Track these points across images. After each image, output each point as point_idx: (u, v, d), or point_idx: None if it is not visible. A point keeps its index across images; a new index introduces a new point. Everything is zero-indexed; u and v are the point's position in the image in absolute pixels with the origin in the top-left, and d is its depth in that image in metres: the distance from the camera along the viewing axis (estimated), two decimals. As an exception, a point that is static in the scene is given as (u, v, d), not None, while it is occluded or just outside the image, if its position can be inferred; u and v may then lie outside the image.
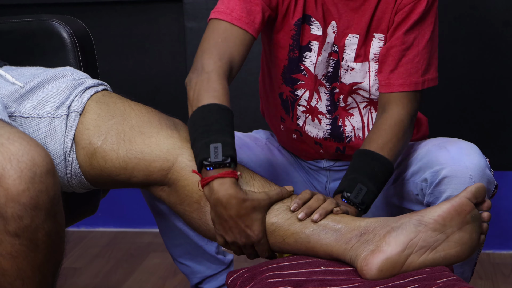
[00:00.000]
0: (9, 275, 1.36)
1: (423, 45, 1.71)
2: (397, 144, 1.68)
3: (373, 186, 1.61)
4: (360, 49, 1.74)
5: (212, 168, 1.50)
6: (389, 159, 1.65)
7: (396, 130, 1.68)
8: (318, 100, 1.80)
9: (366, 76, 1.76)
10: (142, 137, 1.59)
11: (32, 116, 1.60)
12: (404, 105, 1.71)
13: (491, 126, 2.60)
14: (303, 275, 1.47)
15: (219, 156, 1.50)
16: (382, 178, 1.63)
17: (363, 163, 1.64)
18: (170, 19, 2.75)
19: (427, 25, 1.72)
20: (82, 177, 1.62)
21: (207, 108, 1.57)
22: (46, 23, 1.90)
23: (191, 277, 1.89)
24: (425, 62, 1.72)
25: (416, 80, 1.72)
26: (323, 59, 1.76)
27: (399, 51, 1.71)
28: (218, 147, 1.51)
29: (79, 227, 2.92)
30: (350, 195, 1.60)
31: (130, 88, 2.76)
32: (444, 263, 1.48)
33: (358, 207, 1.59)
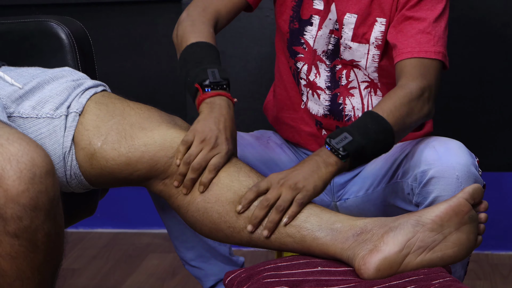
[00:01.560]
0: (8, 276, 1.36)
1: (433, 18, 1.71)
2: (400, 108, 1.62)
3: (360, 138, 1.56)
4: (358, 29, 1.76)
5: (210, 90, 1.59)
6: (387, 120, 1.60)
7: (401, 97, 1.64)
8: (316, 75, 1.82)
9: (364, 57, 1.78)
10: (144, 131, 1.60)
11: (31, 117, 1.60)
12: (414, 76, 1.68)
13: (490, 127, 2.60)
14: (300, 275, 1.47)
15: (217, 77, 1.60)
16: (373, 135, 1.58)
17: (359, 119, 1.61)
18: (169, 20, 2.75)
19: (436, 2, 1.72)
20: (81, 178, 1.62)
21: (196, 44, 1.67)
22: (44, 24, 1.90)
23: (205, 280, 1.88)
24: (437, 35, 1.71)
25: (427, 48, 1.70)
26: (323, 34, 1.78)
27: (408, 24, 1.71)
28: (215, 71, 1.61)
29: (77, 228, 2.92)
30: (333, 140, 1.56)
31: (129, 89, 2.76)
32: (441, 263, 1.49)
33: (339, 154, 1.55)
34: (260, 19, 2.60)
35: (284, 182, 1.52)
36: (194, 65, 1.64)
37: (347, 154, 1.55)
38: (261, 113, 2.25)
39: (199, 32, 1.70)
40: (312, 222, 1.53)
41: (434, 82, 1.69)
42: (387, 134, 1.60)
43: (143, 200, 2.74)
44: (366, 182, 1.83)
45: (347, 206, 1.86)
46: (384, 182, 1.79)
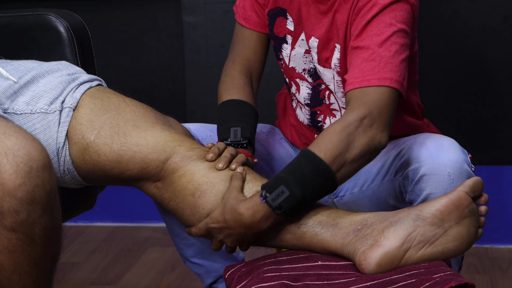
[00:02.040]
0: (6, 269, 1.36)
1: (378, 44, 1.61)
2: (338, 145, 1.52)
3: (297, 190, 1.49)
4: (321, 54, 1.75)
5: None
6: (324, 160, 1.51)
7: (338, 132, 1.54)
8: (296, 91, 1.83)
9: (332, 82, 1.77)
10: (137, 130, 1.59)
11: (25, 113, 1.60)
12: (355, 106, 1.57)
13: (490, 121, 2.60)
14: (300, 270, 1.47)
15: (238, 136, 1.68)
16: (311, 181, 1.50)
17: (296, 163, 1.53)
18: (168, 14, 2.74)
19: (383, 26, 1.62)
20: (75, 173, 1.62)
21: (225, 104, 1.76)
22: (43, 17, 1.89)
23: (205, 277, 1.87)
24: (383, 61, 1.60)
25: (370, 76, 1.59)
26: (297, 54, 1.79)
27: (354, 55, 1.64)
28: (238, 130, 1.69)
29: (76, 222, 2.92)
30: (269, 195, 1.49)
31: (128, 83, 2.76)
32: (442, 257, 1.48)
33: (274, 211, 1.50)
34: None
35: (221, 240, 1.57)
36: (222, 124, 1.71)
37: (283, 211, 1.50)
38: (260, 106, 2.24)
39: (230, 90, 1.78)
40: (312, 218, 1.53)
41: (376, 109, 1.56)
42: (326, 176, 1.52)
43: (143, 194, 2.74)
44: (361, 179, 1.82)
45: (344, 203, 1.86)
46: (378, 180, 1.78)
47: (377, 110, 1.56)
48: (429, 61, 2.57)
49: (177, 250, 1.87)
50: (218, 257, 1.86)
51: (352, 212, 1.54)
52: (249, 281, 1.46)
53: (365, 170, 1.80)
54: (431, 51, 2.56)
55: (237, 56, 1.83)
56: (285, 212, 1.50)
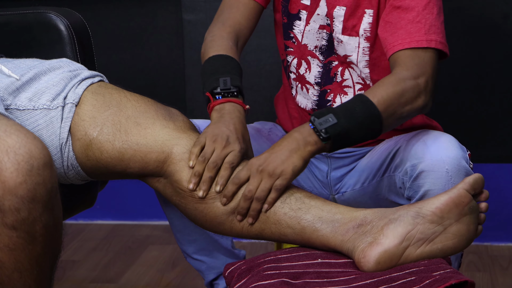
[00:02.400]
0: (6, 267, 1.36)
1: (422, 6, 1.67)
2: (393, 96, 1.58)
3: (344, 121, 1.54)
4: (347, 22, 1.75)
5: (220, 97, 1.61)
6: (377, 105, 1.57)
7: (394, 84, 1.60)
8: (307, 69, 1.82)
9: (355, 51, 1.76)
10: (138, 128, 1.59)
11: (28, 109, 1.60)
12: (408, 66, 1.63)
13: (490, 118, 2.60)
14: (300, 267, 1.47)
15: (228, 85, 1.63)
16: (360, 119, 1.55)
17: (349, 102, 1.58)
18: (168, 12, 2.74)
19: None
20: (79, 169, 1.62)
21: (213, 58, 1.70)
22: (43, 15, 1.89)
23: (207, 273, 1.88)
24: (428, 23, 1.66)
25: (418, 38, 1.65)
26: (312, 29, 1.78)
27: (395, 15, 1.68)
28: (227, 79, 1.64)
29: (77, 220, 2.92)
30: (317, 120, 1.54)
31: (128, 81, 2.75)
32: (441, 255, 1.48)
33: (320, 135, 1.54)
34: (259, 10, 2.59)
35: (263, 169, 1.52)
36: (209, 76, 1.67)
37: (328, 136, 1.54)
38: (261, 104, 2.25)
39: (217, 46, 1.73)
40: (313, 214, 1.53)
41: (430, 73, 1.64)
42: (374, 120, 1.57)
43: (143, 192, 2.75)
44: (362, 175, 1.83)
45: (345, 199, 1.86)
46: (378, 176, 1.79)
47: (429, 72, 1.64)
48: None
49: (179, 246, 1.87)
50: (219, 254, 1.86)
51: (352, 208, 1.54)
52: (249, 279, 1.46)
53: (367, 166, 1.81)
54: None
55: (228, 19, 1.79)
56: (330, 139, 1.53)
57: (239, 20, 1.80)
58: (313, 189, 1.87)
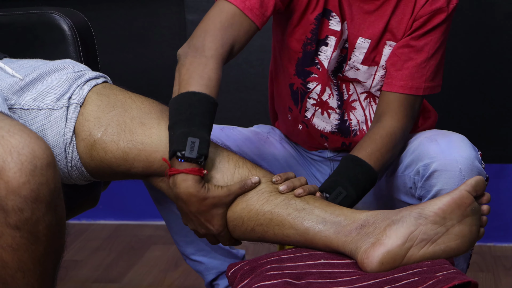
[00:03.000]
0: (10, 267, 1.36)
1: (432, 53, 1.71)
2: (385, 154, 1.68)
3: (353, 192, 1.62)
4: (370, 54, 1.74)
5: (183, 161, 1.49)
6: (374, 168, 1.66)
7: (386, 141, 1.69)
8: (330, 95, 1.79)
9: (370, 78, 1.76)
10: (143, 128, 1.59)
11: (32, 108, 1.60)
12: (400, 117, 1.72)
13: (493, 119, 2.60)
14: (303, 268, 1.47)
15: (194, 153, 1.48)
16: (363, 185, 1.64)
17: (348, 168, 1.65)
18: (171, 12, 2.74)
19: (441, 34, 1.72)
20: (82, 169, 1.62)
21: (197, 96, 1.52)
22: (46, 16, 1.90)
23: (206, 273, 1.88)
24: (432, 70, 1.73)
25: (418, 85, 1.72)
26: (336, 55, 1.76)
27: (406, 53, 1.71)
28: (196, 142, 1.49)
29: (80, 220, 2.92)
30: (329, 196, 1.60)
31: (131, 81, 2.76)
32: (444, 256, 1.48)
33: None
34: (262, 10, 2.59)
35: None
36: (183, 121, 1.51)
37: None
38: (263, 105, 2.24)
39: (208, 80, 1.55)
40: (316, 215, 1.53)
41: (414, 116, 1.75)
42: (373, 180, 1.66)
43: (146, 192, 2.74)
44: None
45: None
46: (387, 176, 1.79)
47: (414, 119, 1.76)
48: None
49: (178, 248, 1.87)
50: (218, 254, 1.86)
51: (355, 210, 1.54)
52: (251, 279, 1.46)
53: None
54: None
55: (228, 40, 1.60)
56: None
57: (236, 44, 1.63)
58: (317, 191, 1.87)
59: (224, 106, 2.68)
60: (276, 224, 1.54)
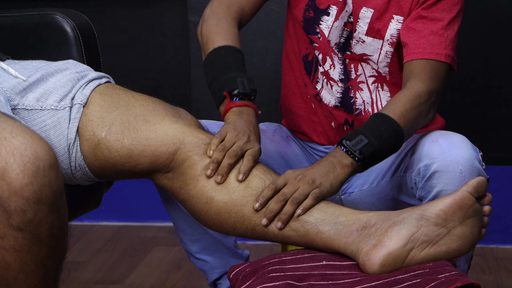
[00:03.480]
0: (12, 269, 1.36)
1: (447, 21, 1.71)
2: (410, 112, 1.65)
3: (375, 141, 1.58)
4: (373, 24, 1.75)
5: (238, 99, 1.61)
6: (399, 122, 1.62)
7: (411, 100, 1.66)
8: (331, 66, 1.82)
9: (377, 52, 1.77)
10: (147, 124, 1.60)
11: (35, 109, 1.60)
12: (424, 79, 1.69)
13: (495, 120, 2.60)
14: (305, 270, 1.47)
15: (247, 88, 1.62)
16: (387, 137, 1.60)
17: (372, 122, 1.62)
18: (174, 14, 2.74)
19: (453, 4, 1.72)
20: (86, 169, 1.63)
21: (224, 49, 1.67)
22: (49, 17, 1.90)
23: (210, 273, 1.88)
24: (449, 38, 1.71)
25: (438, 50, 1.70)
26: (338, 25, 1.78)
27: (421, 24, 1.71)
28: (245, 81, 1.63)
29: (82, 221, 2.92)
30: (350, 142, 1.57)
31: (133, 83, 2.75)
32: (446, 257, 1.48)
33: (355, 157, 1.57)
34: (265, 12, 2.59)
35: (302, 178, 1.53)
36: (222, 71, 1.65)
37: (363, 157, 1.57)
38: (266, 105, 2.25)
39: (226, 34, 1.71)
40: (316, 216, 1.53)
41: (441, 87, 1.71)
42: (399, 137, 1.62)
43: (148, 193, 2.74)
44: (370, 176, 1.83)
45: (351, 200, 1.86)
46: (388, 176, 1.79)
47: (442, 87, 1.71)
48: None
49: (182, 246, 1.87)
50: (223, 254, 1.86)
51: (356, 211, 1.54)
52: (253, 281, 1.46)
53: (375, 167, 1.81)
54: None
55: (234, 4, 1.77)
56: (364, 159, 1.57)
57: (243, 6, 1.79)
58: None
59: (226, 107, 2.68)
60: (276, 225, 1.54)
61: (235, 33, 1.72)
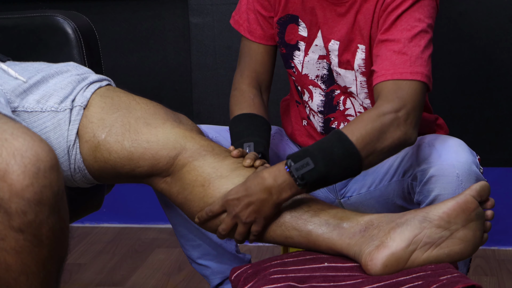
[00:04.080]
0: (13, 270, 1.36)
1: (408, 38, 1.63)
2: (371, 133, 1.54)
3: (322, 165, 1.50)
4: (342, 57, 1.74)
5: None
6: (356, 144, 1.52)
7: (373, 120, 1.55)
8: (310, 98, 1.82)
9: (353, 83, 1.76)
10: (148, 127, 1.60)
11: (35, 111, 1.60)
12: (389, 99, 1.59)
13: (497, 122, 2.59)
14: (307, 271, 1.47)
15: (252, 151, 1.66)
16: (338, 161, 1.51)
17: (326, 141, 1.54)
18: (175, 15, 2.74)
19: (414, 21, 1.64)
20: (85, 171, 1.62)
21: (237, 118, 1.77)
22: (50, 19, 1.90)
23: (212, 278, 1.88)
24: (414, 55, 1.62)
25: (402, 70, 1.61)
26: (311, 60, 1.79)
27: (383, 48, 1.65)
28: (251, 145, 1.68)
29: (83, 223, 2.92)
30: (294, 165, 1.51)
31: (135, 84, 2.76)
32: (448, 259, 1.48)
33: (296, 181, 1.51)
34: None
35: (236, 215, 1.54)
36: (235, 140, 1.72)
37: (305, 183, 1.51)
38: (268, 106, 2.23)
39: (241, 103, 1.80)
40: (320, 217, 1.53)
41: (412, 105, 1.58)
42: (353, 159, 1.53)
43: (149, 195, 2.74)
44: (368, 180, 1.82)
45: (351, 204, 1.86)
46: (386, 180, 1.78)
47: (411, 104, 1.58)
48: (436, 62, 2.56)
49: (184, 252, 1.87)
50: (224, 259, 1.86)
51: (358, 213, 1.54)
52: (255, 282, 1.46)
53: (373, 171, 1.80)
54: (439, 52, 2.56)
55: (245, 69, 1.84)
56: (306, 185, 1.51)
57: (255, 68, 1.84)
58: (319, 193, 1.87)
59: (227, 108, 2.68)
60: (278, 225, 1.54)
61: (249, 98, 1.80)
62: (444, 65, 2.57)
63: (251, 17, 1.83)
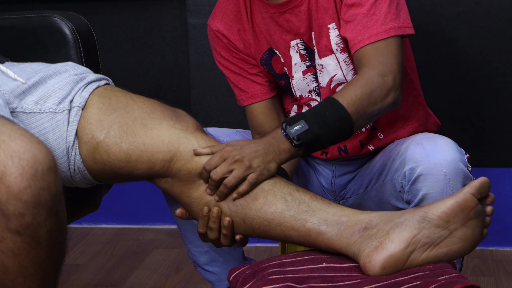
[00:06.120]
0: (11, 272, 1.35)
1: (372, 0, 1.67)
2: (361, 98, 1.59)
3: (316, 127, 1.55)
4: (319, 45, 1.75)
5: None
6: (347, 108, 1.58)
7: (362, 85, 1.60)
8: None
9: (337, 68, 1.76)
10: (145, 129, 1.60)
11: (34, 112, 1.60)
12: (373, 65, 1.64)
13: (495, 123, 2.59)
14: (305, 272, 1.47)
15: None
16: (331, 123, 1.57)
17: (319, 106, 1.59)
18: (173, 16, 2.74)
19: None
20: (85, 172, 1.62)
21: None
22: (48, 19, 1.90)
23: (218, 284, 1.87)
24: (382, 12, 1.66)
25: (376, 30, 1.65)
26: (298, 79, 1.80)
27: (350, 15, 1.68)
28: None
29: (81, 224, 2.92)
30: (289, 127, 1.55)
31: (132, 85, 2.75)
32: (447, 259, 1.48)
33: (292, 142, 1.55)
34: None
35: (239, 159, 1.53)
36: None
37: (300, 143, 1.55)
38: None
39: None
40: (318, 216, 1.53)
41: (396, 68, 1.64)
42: (345, 123, 1.58)
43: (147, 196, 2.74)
44: (365, 179, 1.83)
45: (349, 205, 1.87)
46: (381, 179, 1.79)
47: (395, 68, 1.64)
48: (433, 62, 2.57)
49: (190, 257, 1.87)
50: (231, 265, 1.85)
51: (358, 211, 1.54)
52: (253, 283, 1.46)
53: (369, 171, 1.81)
54: (436, 52, 2.56)
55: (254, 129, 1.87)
56: (302, 145, 1.55)
57: (261, 123, 1.85)
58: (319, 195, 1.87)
59: (227, 109, 2.68)
60: (277, 224, 1.54)
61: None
62: (441, 66, 2.57)
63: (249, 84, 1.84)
